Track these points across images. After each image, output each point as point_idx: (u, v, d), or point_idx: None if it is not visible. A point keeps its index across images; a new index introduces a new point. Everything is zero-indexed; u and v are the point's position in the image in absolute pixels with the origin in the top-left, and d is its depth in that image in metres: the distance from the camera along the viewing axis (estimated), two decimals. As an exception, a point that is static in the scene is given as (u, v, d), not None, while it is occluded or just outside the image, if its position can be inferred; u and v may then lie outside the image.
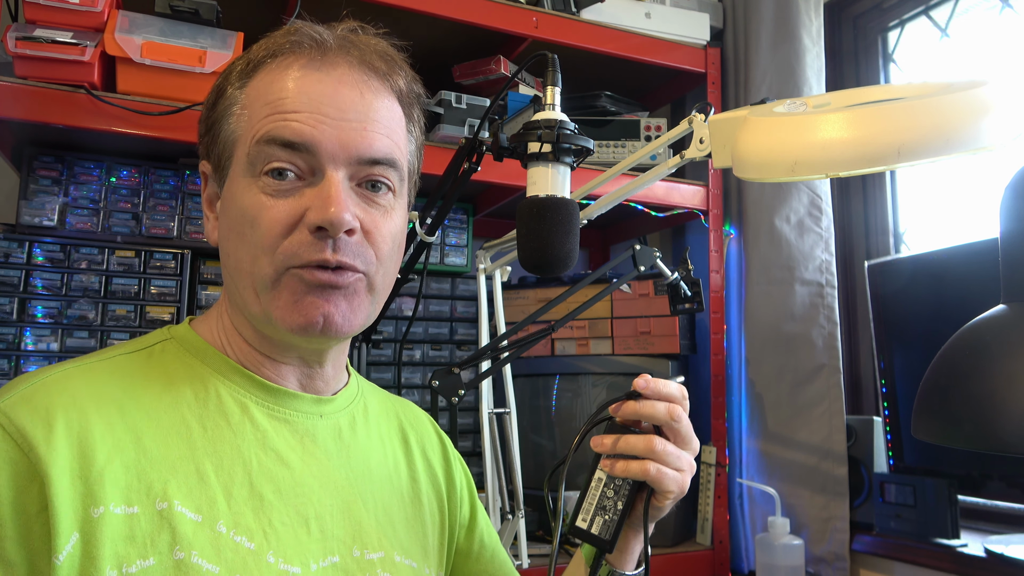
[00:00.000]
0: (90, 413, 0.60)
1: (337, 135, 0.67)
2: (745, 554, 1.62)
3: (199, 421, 0.65)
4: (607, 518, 0.77)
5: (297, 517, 0.67)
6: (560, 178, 0.84)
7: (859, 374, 1.77)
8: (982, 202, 1.58)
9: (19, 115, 1.13)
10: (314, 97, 0.67)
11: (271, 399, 0.71)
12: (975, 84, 0.74)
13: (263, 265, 0.66)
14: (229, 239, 0.69)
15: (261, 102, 0.68)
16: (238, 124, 0.69)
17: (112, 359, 0.67)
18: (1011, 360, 0.67)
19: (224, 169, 0.70)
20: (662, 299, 1.62)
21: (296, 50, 0.70)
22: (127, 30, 1.17)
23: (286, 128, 0.65)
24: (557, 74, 0.86)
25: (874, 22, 1.84)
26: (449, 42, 1.55)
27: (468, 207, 1.69)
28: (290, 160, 0.66)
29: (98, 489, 0.57)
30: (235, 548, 0.62)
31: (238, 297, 0.70)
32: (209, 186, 0.74)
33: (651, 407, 0.78)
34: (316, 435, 0.73)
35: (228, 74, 0.72)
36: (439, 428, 0.93)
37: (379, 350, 1.57)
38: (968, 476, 1.35)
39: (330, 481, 0.72)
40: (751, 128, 0.80)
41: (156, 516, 0.59)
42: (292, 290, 0.66)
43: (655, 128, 1.63)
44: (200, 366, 0.70)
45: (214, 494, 0.63)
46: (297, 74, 0.68)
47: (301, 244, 0.65)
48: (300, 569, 0.65)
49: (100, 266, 1.34)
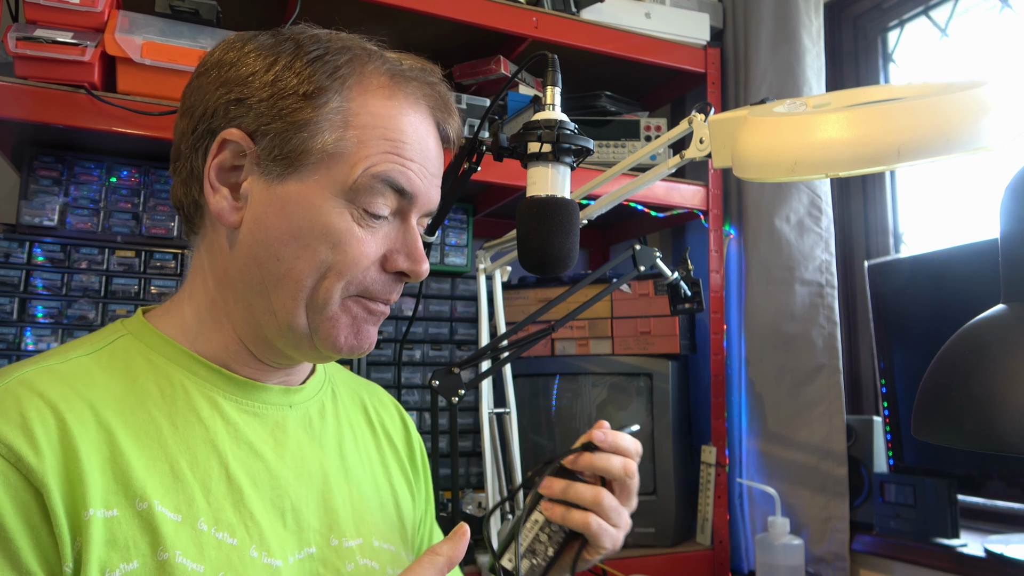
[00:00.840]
0: (63, 414, 0.58)
1: (428, 192, 0.72)
2: (745, 554, 1.62)
3: (168, 419, 0.64)
4: (535, 562, 0.77)
5: (274, 510, 0.67)
6: (560, 178, 0.84)
7: (859, 374, 1.77)
8: (982, 202, 1.58)
9: (19, 115, 1.13)
10: (423, 150, 0.70)
11: (239, 392, 0.70)
12: (975, 84, 0.74)
13: (331, 288, 0.67)
14: (286, 245, 0.66)
15: (377, 133, 0.68)
16: (339, 139, 0.66)
17: (75, 360, 0.64)
18: (1011, 360, 0.67)
19: (293, 168, 0.67)
20: (662, 299, 1.62)
21: (407, 83, 0.71)
22: (127, 30, 1.17)
23: (404, 176, 0.68)
24: (557, 74, 0.86)
25: (874, 22, 1.84)
26: (449, 42, 1.55)
27: (468, 207, 1.69)
28: (393, 204, 0.69)
29: (84, 492, 0.57)
30: (218, 545, 0.61)
31: (262, 300, 0.68)
32: (229, 157, 0.68)
33: (607, 460, 0.79)
34: (287, 426, 0.72)
35: (332, 74, 0.67)
36: (402, 409, 0.93)
37: (379, 350, 1.57)
38: (968, 476, 1.35)
39: (304, 471, 0.72)
40: (751, 128, 0.80)
41: (136, 517, 0.58)
42: (353, 316, 0.69)
43: (655, 128, 1.63)
44: (163, 361, 0.67)
45: (192, 492, 0.62)
46: (411, 117, 0.70)
47: (377, 281, 0.69)
48: (281, 562, 0.65)
49: (100, 266, 1.34)
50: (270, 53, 0.68)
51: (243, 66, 0.68)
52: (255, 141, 0.67)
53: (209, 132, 0.68)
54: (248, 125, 0.67)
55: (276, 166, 0.67)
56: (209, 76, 0.70)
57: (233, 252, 0.69)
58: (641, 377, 1.60)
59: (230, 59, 0.69)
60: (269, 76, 0.67)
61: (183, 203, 0.72)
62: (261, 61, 0.68)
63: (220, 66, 0.69)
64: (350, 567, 0.71)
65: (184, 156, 0.71)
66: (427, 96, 0.72)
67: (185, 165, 0.71)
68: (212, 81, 0.69)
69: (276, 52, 0.68)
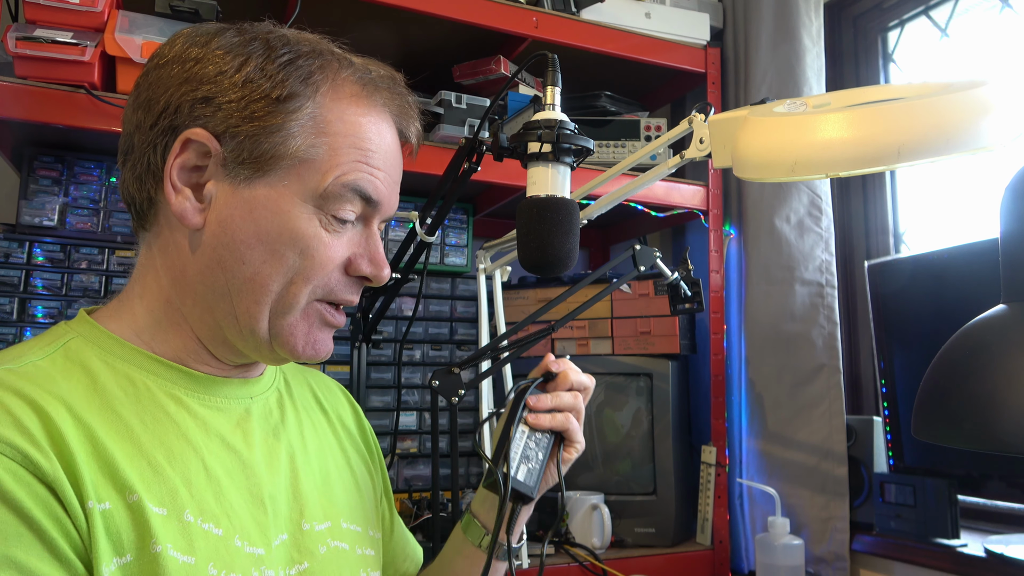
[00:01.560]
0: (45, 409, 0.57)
1: (391, 198, 0.73)
2: (745, 554, 1.62)
3: (137, 417, 0.63)
4: (530, 467, 0.84)
5: (251, 499, 0.68)
6: (560, 178, 0.84)
7: (859, 374, 1.77)
8: (982, 202, 1.58)
9: (19, 115, 1.13)
10: (388, 159, 0.72)
11: (200, 389, 0.69)
12: (975, 84, 0.74)
13: (298, 293, 0.68)
14: (252, 249, 0.66)
15: (349, 142, 0.68)
16: (312, 145, 0.66)
17: (31, 363, 0.62)
18: (1011, 360, 0.67)
19: (262, 171, 0.66)
20: (662, 299, 1.62)
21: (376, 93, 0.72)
22: (127, 30, 1.17)
23: (371, 185, 0.70)
24: (557, 74, 0.86)
25: (874, 22, 1.84)
26: (449, 42, 1.55)
27: (468, 207, 1.69)
28: (358, 210, 0.70)
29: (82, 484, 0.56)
30: (205, 536, 0.62)
31: (224, 303, 0.67)
32: (192, 156, 0.66)
33: (577, 375, 0.92)
34: (251, 418, 0.73)
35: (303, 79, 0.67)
36: (346, 391, 0.95)
37: (379, 350, 1.57)
38: (968, 476, 1.35)
39: (273, 460, 0.72)
40: (751, 128, 0.80)
41: (128, 510, 0.58)
42: (310, 322, 0.70)
43: (655, 128, 1.63)
44: (119, 363, 0.66)
45: (174, 484, 0.62)
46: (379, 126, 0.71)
47: (339, 284, 0.71)
48: (263, 551, 0.66)
49: (100, 266, 1.34)
50: (239, 53, 0.67)
51: (209, 63, 0.66)
52: (221, 143, 0.65)
53: (171, 129, 0.66)
54: (215, 126, 0.65)
55: (244, 169, 0.66)
56: (171, 70, 0.67)
57: (195, 254, 0.67)
58: (641, 377, 1.60)
59: (194, 55, 0.67)
60: (239, 77, 0.65)
61: (135, 199, 0.70)
62: (230, 60, 0.66)
63: (183, 61, 0.67)
64: (322, 550, 0.72)
65: (138, 150, 0.68)
66: (395, 106, 0.74)
67: (141, 160, 0.68)
68: (175, 76, 0.67)
69: (246, 52, 0.67)
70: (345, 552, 0.76)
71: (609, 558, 1.46)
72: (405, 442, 1.58)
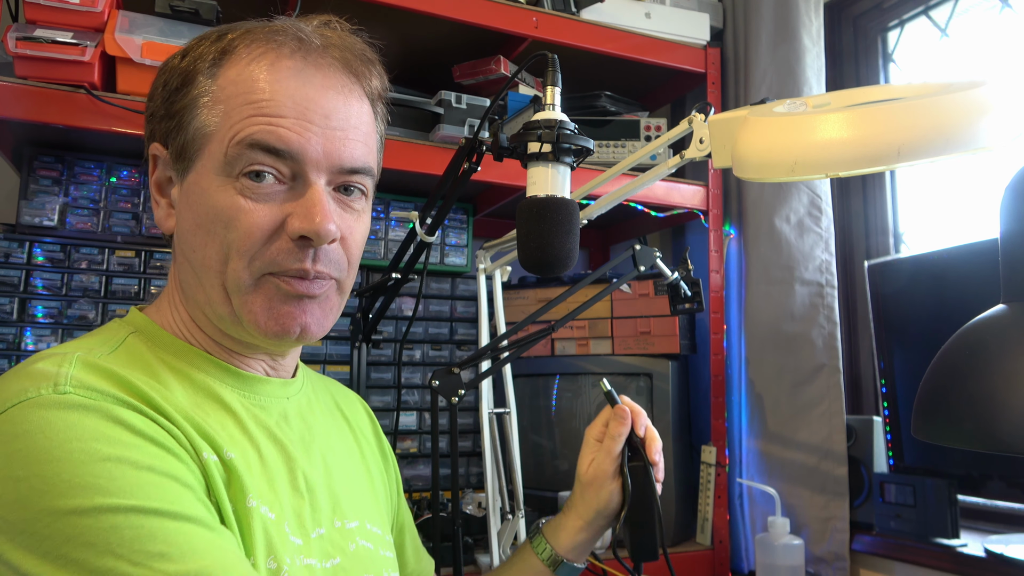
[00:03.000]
0: (135, 383, 0.60)
1: (322, 144, 0.66)
2: (745, 554, 1.62)
3: (196, 407, 0.65)
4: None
5: (294, 492, 0.69)
6: (560, 178, 0.84)
7: (859, 374, 1.77)
8: (982, 202, 1.58)
9: (19, 115, 1.13)
10: (299, 101, 0.66)
11: (245, 387, 0.72)
12: (975, 84, 0.74)
13: (238, 269, 0.66)
14: (195, 234, 0.67)
15: (241, 99, 0.65)
16: (210, 117, 0.66)
17: (104, 358, 0.64)
18: (1011, 360, 0.67)
19: (189, 160, 0.67)
20: (662, 299, 1.61)
21: (276, 44, 0.67)
22: (127, 30, 1.17)
23: (271, 134, 0.64)
24: (557, 74, 0.86)
25: (874, 22, 1.84)
26: (449, 42, 1.55)
27: (468, 207, 1.69)
28: (273, 165, 0.65)
29: (191, 436, 0.60)
30: (262, 519, 0.63)
31: (200, 293, 0.68)
32: (160, 170, 0.71)
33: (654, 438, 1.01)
34: (288, 416, 0.75)
35: (197, 59, 0.68)
36: (363, 402, 0.97)
37: (379, 350, 1.57)
38: (968, 476, 1.35)
39: (311, 456, 0.74)
40: (751, 128, 0.80)
41: (229, 464, 0.62)
42: (268, 297, 0.67)
43: (655, 128, 1.63)
44: (172, 359, 0.68)
45: (236, 465, 0.63)
46: (280, 74, 0.66)
47: (281, 252, 0.66)
48: (302, 541, 0.67)
49: (100, 266, 1.34)
50: (168, 63, 0.71)
51: (154, 85, 0.72)
52: (168, 148, 0.69)
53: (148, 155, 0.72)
54: (159, 135, 0.69)
55: (180, 164, 0.68)
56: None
57: (176, 257, 0.72)
58: (641, 377, 1.60)
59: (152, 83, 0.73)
60: (161, 80, 0.70)
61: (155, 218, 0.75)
62: (162, 74, 0.71)
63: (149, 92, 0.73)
64: (352, 547, 0.73)
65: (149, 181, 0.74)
66: (308, 50, 0.67)
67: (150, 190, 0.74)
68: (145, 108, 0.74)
69: (170, 62, 0.71)
70: (371, 552, 0.77)
71: (609, 558, 1.46)
72: (405, 442, 1.58)
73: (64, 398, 0.55)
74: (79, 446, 0.53)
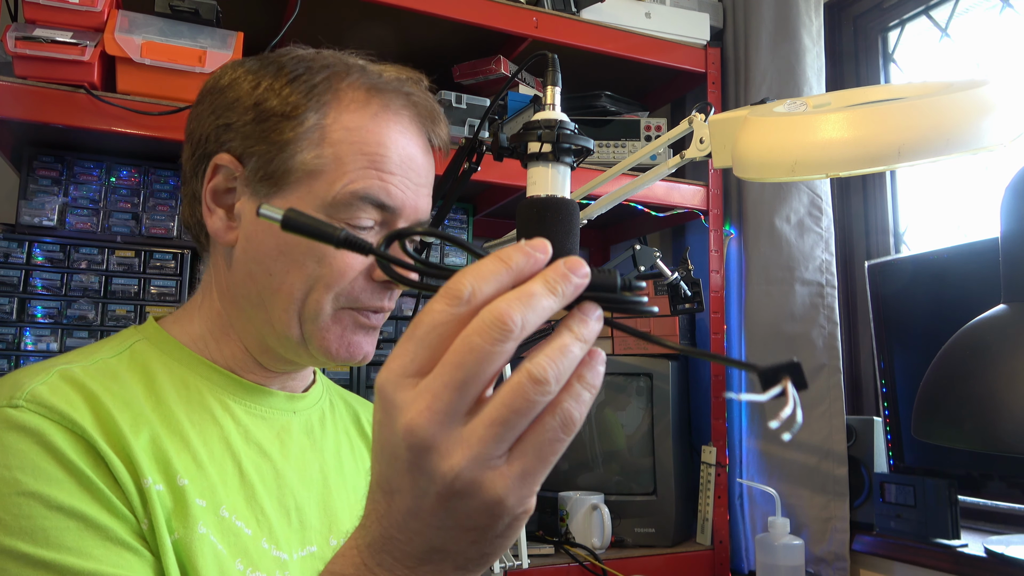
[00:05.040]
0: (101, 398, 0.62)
1: (416, 201, 0.73)
2: (745, 554, 1.62)
3: (186, 415, 0.67)
4: None
5: (280, 507, 0.70)
6: (560, 178, 0.84)
7: (859, 374, 1.77)
8: (982, 202, 1.58)
9: (19, 115, 1.13)
10: (406, 159, 0.71)
11: (248, 397, 0.73)
12: (975, 84, 0.74)
13: (321, 301, 0.69)
14: (276, 260, 0.69)
15: (356, 148, 0.69)
16: (317, 157, 0.68)
17: (102, 360, 0.68)
18: (1011, 360, 0.67)
19: (278, 187, 0.69)
20: (662, 299, 1.61)
21: (385, 97, 0.71)
22: (127, 30, 1.17)
23: (384, 191, 0.69)
24: (557, 74, 0.86)
25: (874, 22, 1.84)
26: (449, 42, 1.55)
27: (468, 207, 1.69)
28: (376, 216, 0.70)
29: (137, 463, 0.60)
30: (237, 532, 0.64)
31: (260, 313, 0.71)
32: (222, 180, 0.72)
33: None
34: (291, 430, 0.76)
35: (307, 93, 0.69)
36: None
37: (379, 350, 1.57)
38: (968, 476, 1.35)
39: (306, 473, 0.75)
40: (751, 128, 0.80)
41: (178, 492, 0.62)
42: (343, 326, 0.71)
43: (655, 128, 1.63)
44: (177, 366, 0.71)
45: (213, 481, 0.65)
46: (391, 129, 0.71)
47: (365, 291, 0.71)
48: (287, 556, 0.68)
49: (100, 266, 1.34)
50: (255, 77, 0.71)
51: (231, 92, 0.72)
52: (243, 163, 0.70)
53: (204, 157, 0.72)
54: (236, 149, 0.70)
55: (263, 186, 0.69)
56: (204, 103, 0.74)
57: (231, 269, 0.72)
58: (641, 377, 1.60)
59: (221, 86, 0.73)
60: (251, 100, 0.70)
61: (190, 224, 0.76)
62: (246, 86, 0.71)
63: (212, 93, 0.73)
64: None
65: (187, 180, 0.75)
66: (407, 105, 0.73)
67: (189, 189, 0.75)
68: (206, 108, 0.73)
69: (259, 76, 0.71)
70: None
71: (609, 558, 1.46)
72: (405, 442, 1.58)
73: (13, 414, 0.58)
74: (4, 473, 0.55)
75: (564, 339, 0.39)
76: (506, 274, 0.40)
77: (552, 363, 0.38)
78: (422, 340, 0.39)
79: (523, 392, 0.37)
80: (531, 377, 0.38)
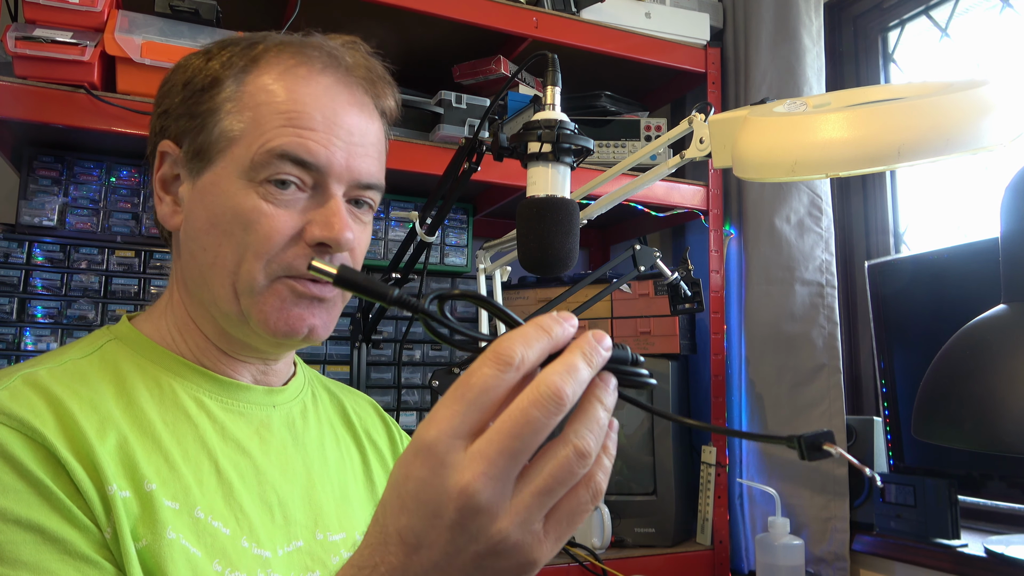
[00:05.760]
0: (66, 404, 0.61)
1: (345, 158, 0.70)
2: (745, 554, 1.62)
3: (159, 417, 0.66)
4: None
5: (262, 504, 0.69)
6: (560, 178, 0.84)
7: (859, 374, 1.77)
8: (982, 202, 1.58)
9: (19, 115, 1.13)
10: (328, 116, 0.69)
11: (224, 393, 0.72)
12: (975, 84, 0.74)
13: (253, 270, 0.67)
14: (209, 234, 0.68)
15: (271, 108, 0.68)
16: (236, 122, 0.68)
17: (70, 362, 0.66)
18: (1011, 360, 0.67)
19: (207, 160, 0.69)
20: (662, 299, 1.61)
21: (307, 58, 0.70)
22: (127, 30, 1.17)
23: (302, 147, 0.67)
24: (557, 74, 0.86)
25: (874, 22, 1.84)
26: (449, 42, 1.55)
27: (468, 207, 1.69)
28: (297, 175, 0.68)
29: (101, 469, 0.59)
30: (213, 533, 0.63)
31: (205, 293, 0.70)
32: (167, 167, 0.72)
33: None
34: (271, 425, 0.74)
35: (226, 64, 0.70)
36: (380, 409, 0.95)
37: (379, 350, 1.57)
38: (968, 476, 1.35)
39: (289, 468, 0.73)
40: (751, 128, 0.80)
41: (145, 498, 0.60)
42: (281, 298, 0.68)
43: (655, 128, 1.63)
44: (149, 365, 0.70)
45: (187, 482, 0.64)
46: (311, 87, 0.69)
47: (298, 256, 0.68)
48: (270, 554, 0.67)
49: (100, 266, 1.34)
50: (187, 63, 0.72)
51: (170, 80, 0.73)
52: (180, 146, 0.71)
53: (154, 150, 0.73)
54: (172, 132, 0.71)
55: (195, 163, 0.70)
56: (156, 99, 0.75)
57: (180, 254, 0.72)
58: (641, 377, 1.60)
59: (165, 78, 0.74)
60: (180, 82, 0.71)
61: (156, 220, 0.75)
62: (179, 73, 0.72)
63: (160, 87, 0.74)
64: (335, 560, 0.73)
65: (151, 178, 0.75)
66: (331, 65, 0.71)
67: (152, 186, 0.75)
68: (155, 104, 0.74)
69: (189, 61, 0.72)
70: None
71: (609, 558, 1.46)
72: (405, 442, 1.58)
73: None
74: None
75: (598, 412, 0.43)
76: (548, 343, 0.43)
77: (593, 437, 0.42)
78: (473, 403, 0.41)
79: (569, 466, 0.41)
80: (577, 451, 0.41)
